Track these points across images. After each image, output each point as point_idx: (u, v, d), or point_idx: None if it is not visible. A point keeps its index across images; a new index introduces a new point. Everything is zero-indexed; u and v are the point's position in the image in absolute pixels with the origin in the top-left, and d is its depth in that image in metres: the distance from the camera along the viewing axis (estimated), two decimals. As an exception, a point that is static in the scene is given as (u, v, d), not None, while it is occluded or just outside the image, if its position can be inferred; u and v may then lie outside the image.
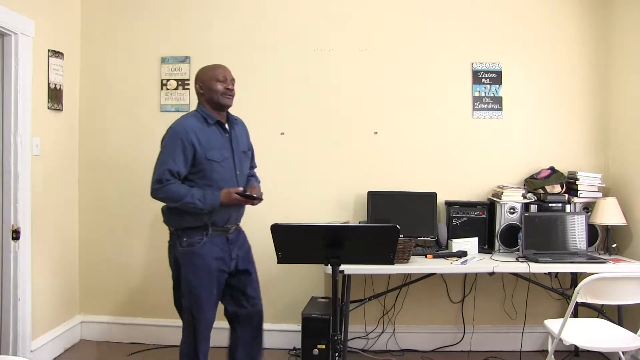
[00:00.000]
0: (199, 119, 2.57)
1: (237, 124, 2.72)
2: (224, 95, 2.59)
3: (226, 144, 2.60)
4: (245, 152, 2.72)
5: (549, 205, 3.39)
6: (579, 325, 2.78)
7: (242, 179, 2.65)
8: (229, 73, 2.65)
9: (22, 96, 3.04)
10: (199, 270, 2.53)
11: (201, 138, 2.51)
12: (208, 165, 2.51)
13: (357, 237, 2.12)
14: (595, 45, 3.63)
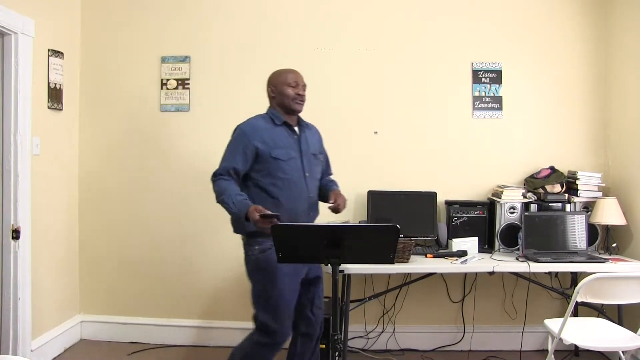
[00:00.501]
0: (267, 120, 2.61)
1: (309, 128, 2.72)
2: (295, 100, 2.59)
3: (294, 144, 2.58)
4: (316, 154, 2.68)
5: (549, 204, 3.39)
6: (579, 325, 2.78)
7: (312, 181, 2.61)
8: (301, 78, 2.64)
9: (22, 96, 3.04)
10: (274, 277, 2.46)
11: (266, 137, 2.52)
12: (273, 163, 2.50)
13: (356, 237, 2.11)
14: (595, 44, 3.63)
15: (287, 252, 2.13)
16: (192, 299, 3.70)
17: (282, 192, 2.50)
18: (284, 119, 2.60)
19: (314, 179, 2.63)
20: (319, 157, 2.71)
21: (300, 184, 2.54)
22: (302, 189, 2.55)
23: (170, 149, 3.70)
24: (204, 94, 3.69)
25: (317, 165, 2.68)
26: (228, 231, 3.67)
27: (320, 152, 2.74)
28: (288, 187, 2.51)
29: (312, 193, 2.60)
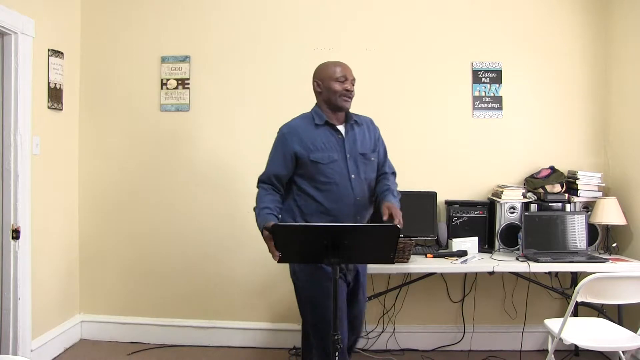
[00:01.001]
0: (308, 120, 2.48)
1: (360, 125, 2.54)
2: (342, 97, 2.44)
3: (337, 146, 2.44)
4: (365, 154, 2.49)
5: (549, 204, 3.39)
6: (579, 325, 2.78)
7: (359, 183, 2.44)
8: (350, 72, 2.48)
9: (22, 96, 3.04)
10: (321, 280, 2.37)
11: (305, 139, 2.41)
12: (313, 167, 2.39)
13: (357, 237, 2.07)
14: (595, 44, 3.63)
15: (288, 252, 2.11)
16: (192, 299, 3.70)
17: (325, 196, 2.39)
18: (326, 118, 2.46)
19: (361, 181, 2.45)
20: (369, 156, 2.51)
21: (344, 187, 2.40)
22: (347, 192, 2.40)
23: (170, 148, 3.70)
24: (204, 93, 3.69)
25: (367, 165, 2.49)
26: (229, 231, 3.69)
27: (373, 150, 2.53)
28: (331, 191, 2.39)
29: (359, 195, 2.43)
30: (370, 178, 2.50)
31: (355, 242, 2.03)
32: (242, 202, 3.67)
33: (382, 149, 2.62)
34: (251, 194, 3.65)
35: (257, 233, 3.69)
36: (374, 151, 2.54)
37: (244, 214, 3.66)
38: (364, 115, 2.60)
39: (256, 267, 3.68)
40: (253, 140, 3.67)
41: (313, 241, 2.05)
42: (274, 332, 3.64)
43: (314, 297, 2.42)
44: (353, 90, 2.47)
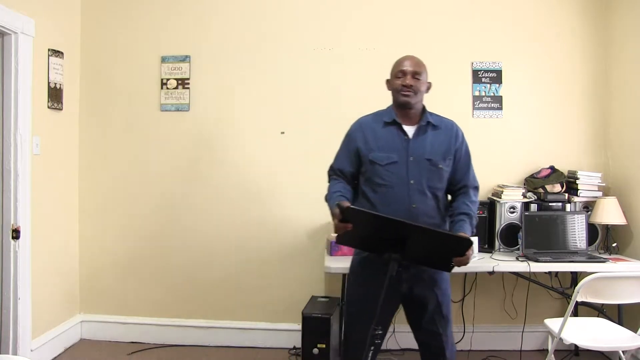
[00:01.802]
0: (379, 117, 2.36)
1: (437, 128, 2.32)
2: (400, 92, 2.28)
3: (400, 147, 2.26)
4: (433, 160, 2.26)
5: (549, 204, 3.39)
6: (579, 325, 2.78)
7: (418, 190, 2.23)
8: (411, 64, 2.29)
9: (22, 96, 3.04)
10: (357, 280, 2.35)
11: (369, 137, 2.30)
12: (370, 167, 2.27)
13: (424, 239, 1.95)
14: (596, 44, 3.63)
15: (349, 235, 2.01)
16: (192, 298, 3.70)
17: (379, 198, 2.25)
18: (395, 117, 2.31)
19: (422, 188, 2.23)
20: (437, 163, 2.26)
21: (400, 192, 2.22)
22: (402, 198, 2.22)
23: (170, 148, 3.70)
24: (204, 93, 3.69)
25: (433, 172, 2.25)
26: (229, 231, 3.69)
27: (444, 158, 2.28)
28: (385, 195, 2.24)
29: (415, 203, 2.22)
30: (435, 187, 2.27)
31: (420, 243, 1.93)
32: (242, 202, 3.68)
33: (463, 158, 2.36)
34: (251, 194, 3.69)
35: (257, 233, 3.72)
36: (445, 159, 2.29)
37: (243, 213, 3.68)
38: (447, 119, 2.40)
39: (256, 267, 3.68)
40: (253, 140, 3.67)
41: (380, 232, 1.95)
42: (274, 332, 3.64)
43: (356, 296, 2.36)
44: (413, 85, 2.26)
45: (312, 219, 3.63)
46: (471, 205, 2.31)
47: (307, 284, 3.62)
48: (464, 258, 2.04)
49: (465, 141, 2.39)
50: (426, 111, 2.34)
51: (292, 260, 3.66)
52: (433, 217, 2.26)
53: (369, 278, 2.25)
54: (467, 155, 2.38)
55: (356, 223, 1.98)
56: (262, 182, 3.67)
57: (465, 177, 2.36)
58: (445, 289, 2.33)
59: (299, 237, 3.66)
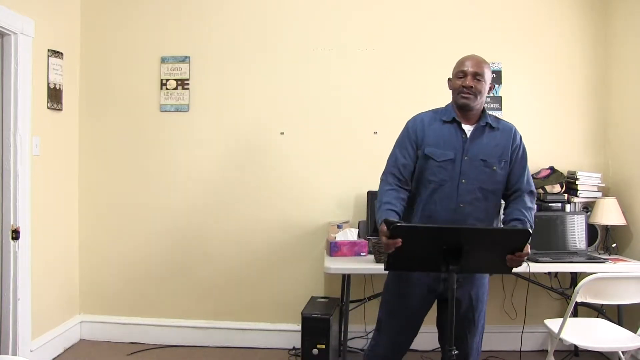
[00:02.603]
0: (437, 115, 2.33)
1: (495, 129, 2.27)
2: (460, 94, 2.24)
3: (457, 145, 2.23)
4: (488, 160, 2.22)
5: (549, 204, 3.39)
6: (578, 325, 2.78)
7: (468, 190, 2.19)
8: (473, 64, 2.23)
9: (21, 96, 3.04)
10: (395, 278, 2.33)
11: (427, 131, 2.27)
12: (424, 162, 2.23)
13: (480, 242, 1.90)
14: (595, 44, 3.63)
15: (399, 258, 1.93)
16: (192, 299, 3.71)
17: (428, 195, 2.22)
18: (454, 116, 2.27)
19: (472, 188, 2.19)
20: (492, 164, 2.22)
21: (449, 190, 2.19)
22: (451, 196, 2.19)
23: (169, 149, 3.70)
24: (203, 94, 3.69)
25: (486, 173, 2.21)
26: (229, 231, 3.69)
27: (500, 160, 2.24)
28: (435, 191, 2.20)
29: (464, 203, 2.18)
30: (487, 189, 2.22)
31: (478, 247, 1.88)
32: (242, 202, 3.68)
33: (520, 162, 2.31)
34: (250, 194, 3.69)
35: (256, 233, 3.72)
36: (501, 161, 2.24)
37: (243, 214, 3.68)
38: (506, 122, 2.36)
39: (256, 267, 3.68)
40: (252, 141, 3.67)
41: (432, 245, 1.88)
42: (274, 333, 3.64)
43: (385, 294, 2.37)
44: (474, 86, 2.20)
45: (311, 219, 3.64)
46: (525, 212, 2.23)
47: (306, 285, 3.62)
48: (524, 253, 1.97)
49: (523, 145, 2.34)
50: (485, 112, 2.31)
51: (292, 260, 3.66)
52: (482, 219, 2.21)
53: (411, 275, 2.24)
54: (523, 158, 2.33)
55: (407, 241, 1.88)
56: (262, 183, 3.67)
57: (519, 180, 2.30)
58: (481, 294, 2.29)
59: (298, 237, 3.66)
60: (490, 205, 2.25)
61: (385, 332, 2.37)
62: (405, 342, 2.37)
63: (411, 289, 2.28)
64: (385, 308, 2.37)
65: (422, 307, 2.32)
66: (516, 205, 2.26)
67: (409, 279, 2.27)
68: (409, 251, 1.91)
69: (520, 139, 2.34)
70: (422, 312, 2.33)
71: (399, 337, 2.36)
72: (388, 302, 2.37)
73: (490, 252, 1.95)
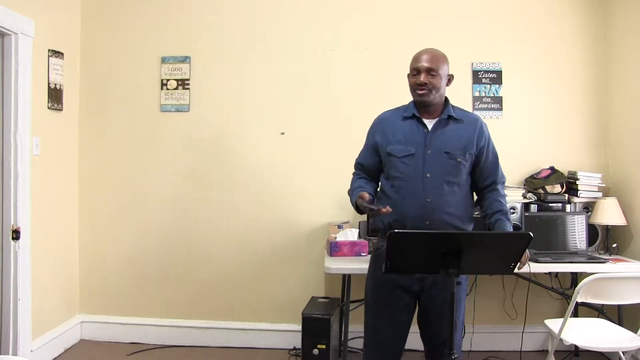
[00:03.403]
0: (399, 111, 2.34)
1: (459, 121, 2.27)
2: (415, 91, 2.24)
3: (419, 139, 2.23)
4: (451, 153, 2.21)
5: (549, 205, 3.39)
6: (579, 325, 2.78)
7: (433, 184, 2.18)
8: (427, 59, 2.22)
9: (22, 96, 3.04)
10: (373, 280, 2.32)
11: (387, 129, 2.30)
12: (387, 160, 2.27)
13: (481, 245, 1.91)
14: (596, 44, 3.63)
15: (397, 262, 1.92)
16: (192, 299, 3.70)
17: (395, 191, 2.23)
18: (413, 112, 2.27)
19: (438, 181, 2.18)
20: (456, 156, 2.21)
21: (414, 185, 2.19)
22: (416, 191, 2.18)
23: (170, 149, 3.70)
24: (204, 94, 3.69)
25: (450, 166, 2.21)
26: (229, 232, 3.69)
27: (464, 152, 2.23)
28: (400, 187, 2.22)
29: (430, 197, 2.17)
30: (453, 181, 2.21)
31: (477, 250, 1.88)
32: (242, 202, 3.68)
33: (491, 156, 2.33)
34: (251, 194, 3.69)
35: (256, 233, 3.71)
36: (465, 153, 2.23)
37: (244, 214, 3.68)
38: (473, 113, 2.39)
39: (256, 267, 3.68)
40: (253, 141, 3.67)
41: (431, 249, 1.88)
42: (274, 333, 3.64)
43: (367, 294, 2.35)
44: (428, 83, 2.20)
45: (312, 220, 3.64)
46: (502, 200, 2.31)
47: (307, 285, 3.62)
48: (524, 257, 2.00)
49: (490, 137, 2.36)
50: (449, 104, 2.30)
51: (292, 260, 3.66)
52: (450, 212, 2.20)
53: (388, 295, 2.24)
54: (494, 151, 2.36)
55: (405, 246, 1.90)
56: (262, 183, 3.67)
57: (494, 172, 2.34)
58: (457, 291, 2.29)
59: (298, 237, 3.66)
60: (458, 198, 2.23)
61: (372, 336, 2.33)
62: (395, 346, 2.33)
63: (386, 289, 2.26)
64: (368, 312, 2.35)
65: (403, 309, 2.28)
66: (494, 196, 2.31)
67: (384, 281, 2.25)
68: (407, 255, 1.91)
69: (487, 131, 2.34)
70: (405, 315, 2.29)
71: (387, 341, 2.32)
72: (369, 306, 2.35)
73: (490, 255, 1.95)
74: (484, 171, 2.32)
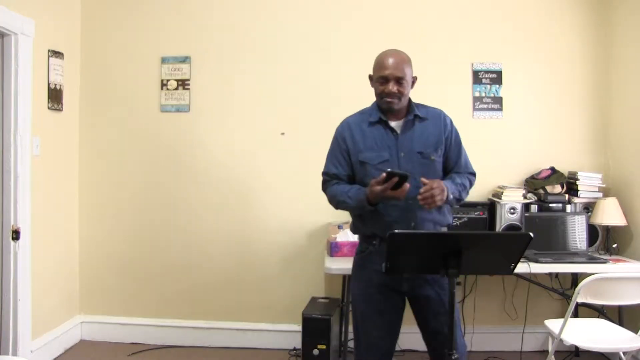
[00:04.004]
0: (365, 115, 2.27)
1: (424, 119, 2.24)
2: (383, 98, 2.18)
3: (390, 144, 2.20)
4: (424, 153, 2.19)
5: (549, 205, 3.39)
6: (579, 326, 2.78)
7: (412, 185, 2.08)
8: (394, 67, 2.15)
9: (22, 96, 3.04)
10: (360, 281, 2.29)
11: (357, 137, 2.23)
12: (361, 168, 2.21)
13: (481, 246, 1.91)
14: (596, 45, 3.63)
15: (398, 262, 1.91)
16: (192, 299, 3.70)
17: None
18: (379, 116, 2.22)
19: (416, 182, 2.11)
20: (429, 154, 2.20)
21: None
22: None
23: (170, 149, 3.70)
24: (204, 94, 3.69)
25: (425, 165, 2.18)
26: (229, 232, 3.69)
27: (436, 149, 2.21)
28: None
29: (411, 199, 2.11)
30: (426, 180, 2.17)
31: (477, 251, 1.88)
32: (242, 202, 3.68)
33: (454, 146, 2.29)
34: (251, 195, 3.69)
35: (257, 234, 3.71)
36: (437, 149, 2.22)
37: (244, 214, 3.68)
38: (434, 108, 2.33)
39: (256, 268, 3.68)
40: (253, 141, 3.67)
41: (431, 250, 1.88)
42: (274, 333, 3.64)
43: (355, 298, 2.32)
44: (396, 92, 2.15)
45: (312, 220, 3.64)
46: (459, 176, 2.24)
47: (307, 285, 3.62)
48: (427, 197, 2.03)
49: (454, 127, 2.30)
50: (412, 104, 2.26)
51: (292, 261, 3.66)
52: (432, 212, 2.17)
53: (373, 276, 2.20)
54: (457, 141, 2.30)
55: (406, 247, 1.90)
56: (262, 183, 3.67)
57: (457, 164, 2.29)
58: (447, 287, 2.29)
59: (298, 237, 3.66)
60: None
61: (362, 338, 2.30)
62: (385, 347, 2.28)
63: (372, 290, 2.23)
64: (357, 314, 2.32)
65: (392, 309, 2.25)
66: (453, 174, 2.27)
67: (369, 281, 2.23)
68: (407, 255, 1.92)
69: (450, 122, 2.30)
70: (394, 314, 2.26)
71: (376, 343, 2.28)
72: (358, 307, 2.32)
73: (490, 256, 1.96)
74: (448, 164, 2.29)
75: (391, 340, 2.29)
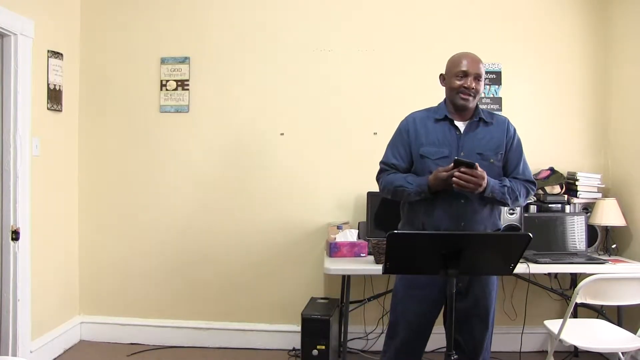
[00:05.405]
0: (430, 113, 2.33)
1: (489, 123, 2.29)
2: (459, 94, 2.22)
3: (452, 142, 2.24)
4: (483, 154, 2.23)
5: (549, 205, 3.39)
6: (578, 326, 2.78)
7: None
8: (474, 66, 2.22)
9: (21, 97, 3.04)
10: (402, 279, 2.31)
11: (420, 131, 2.28)
12: (420, 162, 2.25)
13: (481, 246, 1.92)
14: (595, 45, 3.63)
15: (398, 262, 1.93)
16: (192, 300, 3.70)
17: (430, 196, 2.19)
18: (446, 113, 2.28)
19: None
20: (488, 157, 2.24)
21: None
22: (452, 194, 2.16)
23: (169, 150, 3.70)
24: (203, 95, 3.69)
25: (483, 167, 2.15)
26: (228, 232, 3.69)
27: (496, 153, 2.26)
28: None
29: (464, 199, 2.17)
30: None
31: (477, 251, 1.89)
32: (241, 203, 3.68)
33: (515, 153, 2.33)
34: (250, 195, 3.69)
35: (256, 234, 3.71)
36: (497, 153, 2.26)
37: (243, 215, 3.68)
38: (500, 115, 2.39)
39: (256, 268, 3.68)
40: (252, 142, 3.67)
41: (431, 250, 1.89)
42: (273, 334, 3.64)
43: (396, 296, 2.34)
44: (474, 88, 2.21)
45: (311, 220, 3.64)
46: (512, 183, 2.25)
47: (306, 285, 3.62)
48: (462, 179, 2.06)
49: (517, 135, 2.35)
50: (479, 107, 2.31)
51: (292, 261, 3.66)
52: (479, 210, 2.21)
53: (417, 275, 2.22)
54: (518, 149, 2.34)
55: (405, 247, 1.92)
56: (262, 184, 3.67)
57: (516, 169, 2.32)
58: (489, 292, 2.28)
59: (298, 238, 3.66)
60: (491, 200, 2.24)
61: (396, 338, 2.33)
62: (416, 350, 2.34)
63: (421, 292, 2.26)
64: (395, 314, 2.35)
65: (432, 310, 2.31)
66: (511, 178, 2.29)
67: (420, 283, 2.25)
68: (408, 255, 1.92)
69: (514, 130, 2.35)
70: (432, 316, 2.32)
71: (409, 344, 2.32)
72: (397, 307, 2.34)
73: (489, 256, 1.96)
74: (507, 168, 2.32)
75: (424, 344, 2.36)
